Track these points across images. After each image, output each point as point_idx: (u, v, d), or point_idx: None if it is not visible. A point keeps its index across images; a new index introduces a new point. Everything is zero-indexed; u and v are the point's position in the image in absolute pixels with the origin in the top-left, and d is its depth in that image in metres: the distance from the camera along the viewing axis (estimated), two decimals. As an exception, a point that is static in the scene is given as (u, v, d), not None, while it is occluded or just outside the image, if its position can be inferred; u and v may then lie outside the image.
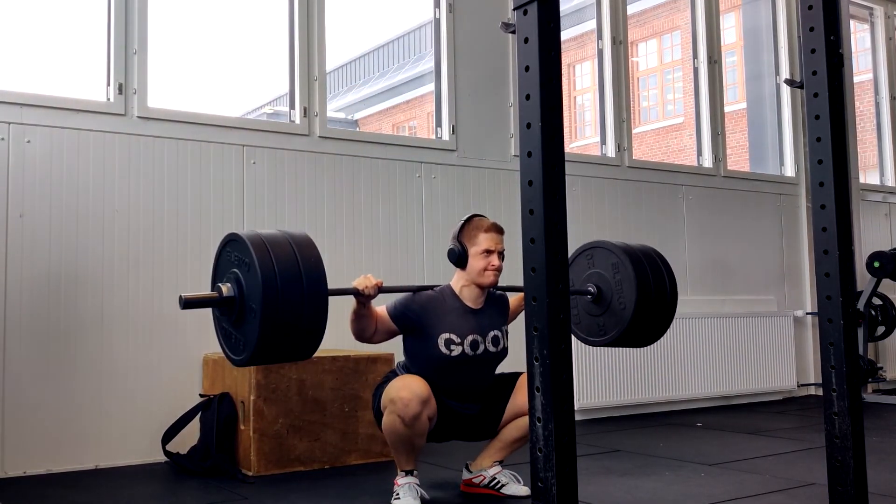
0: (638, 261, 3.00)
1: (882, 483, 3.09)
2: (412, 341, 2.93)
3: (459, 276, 2.95)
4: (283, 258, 2.27)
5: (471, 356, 2.89)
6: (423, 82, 15.94)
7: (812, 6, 1.94)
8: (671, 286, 3.04)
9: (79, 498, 3.15)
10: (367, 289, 2.69)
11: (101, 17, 3.83)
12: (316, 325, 2.32)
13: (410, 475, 2.89)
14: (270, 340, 2.27)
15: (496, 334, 2.96)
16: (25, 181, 3.56)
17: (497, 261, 2.90)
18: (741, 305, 5.74)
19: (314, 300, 2.30)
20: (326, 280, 2.34)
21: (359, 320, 2.81)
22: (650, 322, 3.00)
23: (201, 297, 2.41)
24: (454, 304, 2.91)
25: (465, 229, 2.92)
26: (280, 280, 2.24)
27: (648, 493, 3.12)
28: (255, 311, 2.24)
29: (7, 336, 3.48)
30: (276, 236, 2.35)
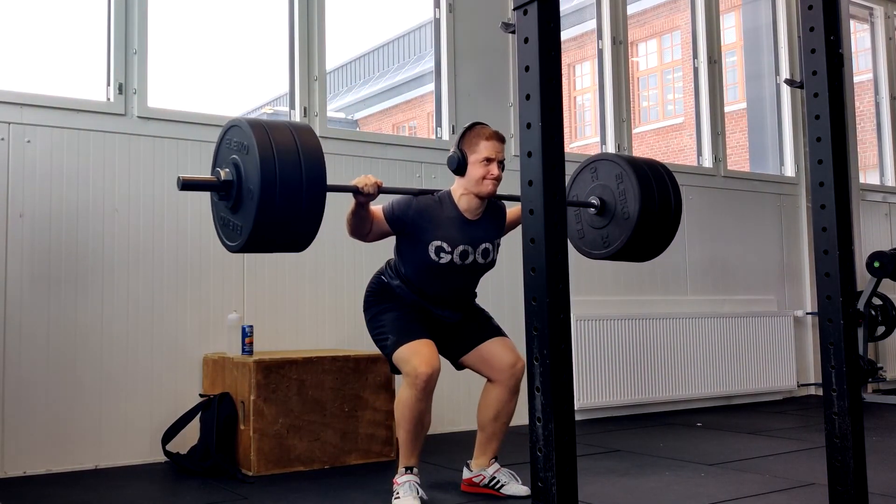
0: (641, 171, 3.01)
1: (882, 483, 3.09)
2: (404, 243, 2.96)
3: (458, 184, 2.96)
4: (284, 144, 2.26)
5: (458, 265, 2.91)
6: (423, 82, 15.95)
7: (812, 6, 1.93)
8: (675, 195, 3.04)
9: (79, 498, 3.15)
10: (367, 187, 2.71)
11: (101, 17, 3.83)
12: (313, 214, 2.30)
13: (410, 473, 2.89)
14: (266, 226, 2.25)
15: (487, 247, 2.98)
16: (25, 181, 3.56)
17: (496, 170, 2.90)
18: (741, 305, 5.74)
19: (312, 188, 2.27)
20: (325, 169, 2.32)
21: (356, 218, 2.83)
22: (654, 231, 3.00)
23: (200, 180, 2.41)
24: (450, 213, 2.93)
25: (466, 136, 2.93)
26: (279, 165, 2.22)
27: (648, 493, 3.12)
28: (253, 194, 2.22)
29: (7, 336, 3.48)
30: (278, 123, 2.36)
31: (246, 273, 4.01)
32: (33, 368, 3.52)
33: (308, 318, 4.17)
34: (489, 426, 3.04)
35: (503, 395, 2.99)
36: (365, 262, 4.30)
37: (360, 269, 4.31)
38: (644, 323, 5.17)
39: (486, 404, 3.02)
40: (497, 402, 2.99)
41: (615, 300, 5.21)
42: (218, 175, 2.36)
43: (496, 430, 3.04)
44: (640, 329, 5.14)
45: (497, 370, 2.99)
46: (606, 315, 5.03)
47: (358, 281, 4.31)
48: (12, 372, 3.48)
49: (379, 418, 3.73)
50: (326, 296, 4.23)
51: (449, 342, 3.05)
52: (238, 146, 2.33)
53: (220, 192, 2.37)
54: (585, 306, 4.98)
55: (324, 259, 4.23)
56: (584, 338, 4.90)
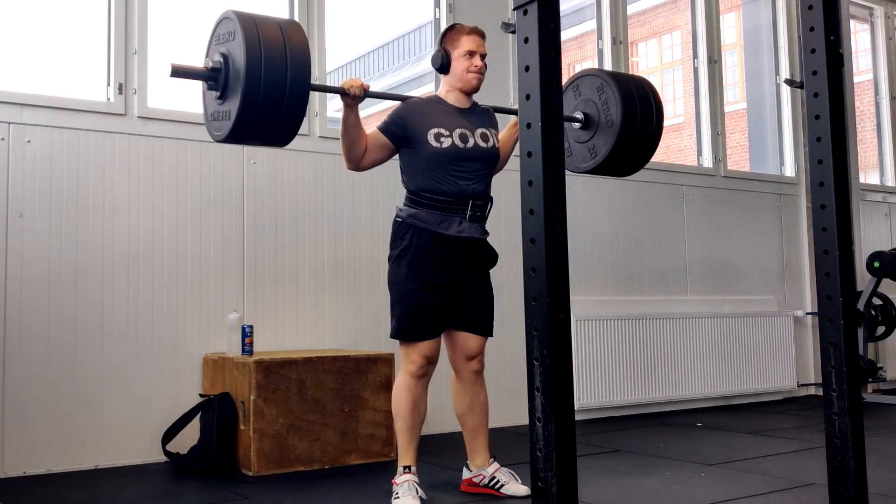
0: (620, 79, 3.13)
1: (882, 483, 3.09)
2: (406, 152, 2.99)
3: (444, 82, 3.05)
4: (270, 33, 2.41)
5: (461, 149, 2.93)
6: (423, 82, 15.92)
7: (812, 6, 1.93)
8: (656, 100, 3.14)
9: (79, 498, 3.15)
10: (353, 88, 2.75)
11: (101, 17, 3.83)
12: (296, 108, 2.44)
13: (409, 472, 2.89)
14: (248, 120, 2.39)
15: (485, 132, 3.02)
16: (25, 181, 3.56)
17: (479, 62, 3.01)
18: (741, 305, 5.74)
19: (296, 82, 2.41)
20: (310, 72, 2.47)
21: (347, 130, 2.86)
22: (638, 136, 3.07)
23: (190, 68, 2.53)
24: (441, 107, 3.00)
25: (447, 35, 3.04)
26: (264, 51, 2.37)
27: (648, 493, 3.12)
28: (238, 89, 2.37)
29: (7, 336, 3.48)
30: (267, 17, 2.49)
31: (246, 273, 4.01)
32: (33, 368, 3.51)
33: (308, 318, 4.17)
34: (468, 419, 3.08)
35: (465, 387, 3.06)
36: (365, 262, 4.31)
37: (360, 269, 4.31)
38: (644, 323, 5.17)
39: (456, 398, 3.09)
40: (463, 392, 3.06)
41: (615, 300, 5.22)
42: (207, 64, 2.50)
43: (477, 424, 3.07)
44: (640, 329, 5.14)
45: (458, 358, 3.06)
46: (606, 315, 5.03)
47: (358, 281, 4.31)
48: (12, 372, 3.47)
49: (379, 418, 3.73)
50: (326, 296, 4.23)
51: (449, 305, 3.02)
52: (227, 36, 2.47)
53: (209, 80, 2.50)
54: (585, 306, 4.98)
55: (324, 259, 4.23)
56: (584, 338, 4.90)
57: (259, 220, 4.06)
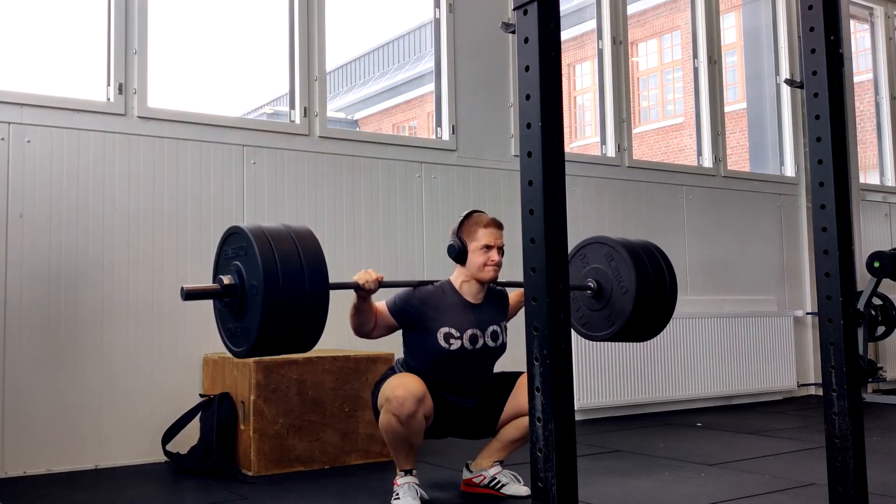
0: (628, 245, 3.05)
1: (882, 483, 3.09)
2: (412, 335, 2.94)
3: (459, 272, 2.97)
4: (284, 248, 2.30)
5: (469, 350, 2.90)
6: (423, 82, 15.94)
7: (812, 6, 1.93)
8: (668, 266, 3.05)
9: (79, 498, 3.15)
10: (368, 283, 2.70)
11: (101, 17, 3.83)
12: (317, 316, 2.33)
13: (409, 475, 2.89)
14: (271, 330, 2.27)
15: (495, 329, 2.97)
16: (25, 181, 3.56)
17: (496, 256, 2.91)
18: (741, 305, 5.74)
19: (315, 290, 2.31)
20: (327, 272, 2.36)
21: (358, 314, 2.82)
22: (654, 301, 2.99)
23: (203, 289, 2.44)
24: (454, 299, 2.93)
25: (464, 225, 2.94)
26: (281, 269, 2.25)
27: (648, 493, 3.12)
28: (256, 300, 2.25)
29: (7, 336, 3.48)
30: (278, 228, 2.38)
31: (246, 273, 4.00)
32: (33, 368, 3.52)
33: (308, 318, 4.16)
34: (508, 444, 3.03)
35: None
36: (365, 262, 4.30)
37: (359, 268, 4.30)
38: (644, 323, 5.16)
39: (517, 426, 2.99)
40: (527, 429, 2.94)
41: (615, 300, 5.21)
42: (220, 281, 2.39)
43: (512, 449, 3.05)
44: (640, 329, 5.13)
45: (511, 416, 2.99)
46: (606, 315, 5.02)
47: (358, 281, 4.31)
48: (12, 372, 3.47)
49: (379, 418, 3.72)
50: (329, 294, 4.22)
51: (478, 421, 3.01)
52: (239, 252, 2.37)
53: (224, 297, 2.39)
54: (585, 306, 4.98)
55: (324, 259, 4.23)
56: (584, 338, 4.89)
57: (259, 219, 4.05)
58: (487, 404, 3.02)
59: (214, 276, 2.46)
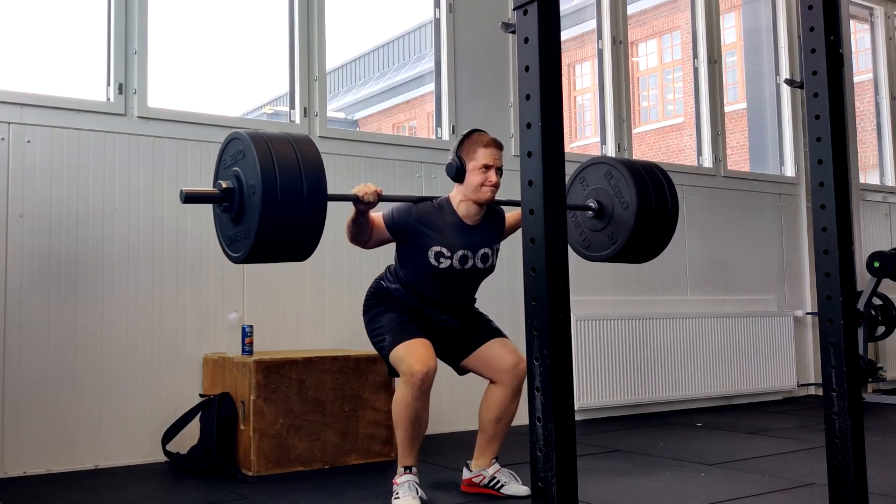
0: (627, 162, 3.08)
1: (882, 483, 3.09)
2: (404, 249, 2.98)
3: (457, 191, 2.98)
4: (282, 150, 2.33)
5: (458, 270, 2.93)
6: (423, 82, 15.94)
7: (812, 6, 1.93)
8: (667, 180, 3.07)
9: (79, 498, 3.15)
10: (367, 195, 2.73)
11: (101, 17, 3.83)
12: (314, 228, 2.36)
13: (409, 472, 2.89)
14: (268, 239, 2.31)
15: (486, 252, 2.99)
16: (25, 181, 3.56)
17: (494, 176, 2.92)
18: (741, 305, 5.74)
19: (313, 202, 2.33)
20: (326, 183, 2.38)
21: (356, 226, 2.86)
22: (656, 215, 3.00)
23: (202, 192, 2.46)
24: (450, 219, 2.95)
25: (464, 143, 2.95)
26: (278, 169, 2.29)
27: (648, 493, 3.12)
28: (254, 201, 2.29)
29: (7, 336, 3.48)
30: (277, 133, 2.42)
31: (246, 273, 4.01)
32: (33, 368, 3.51)
33: (308, 318, 4.17)
34: (491, 427, 3.04)
35: (506, 397, 2.99)
36: (365, 262, 4.31)
37: (359, 268, 4.31)
38: (644, 323, 5.17)
39: (489, 405, 3.02)
40: (500, 403, 2.99)
41: (615, 300, 5.21)
42: (219, 186, 2.41)
43: (497, 432, 3.04)
44: (640, 329, 5.14)
45: (499, 371, 2.99)
46: (606, 315, 5.03)
47: (357, 281, 4.31)
48: (12, 372, 3.47)
49: (379, 418, 3.72)
50: (326, 296, 4.23)
51: (449, 347, 3.06)
52: (237, 156, 2.39)
53: (222, 202, 2.41)
54: (585, 306, 4.98)
55: (324, 259, 4.23)
56: (584, 338, 4.90)
57: (259, 220, 4.05)
58: (465, 330, 3.05)
59: (215, 180, 2.49)
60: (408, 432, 2.87)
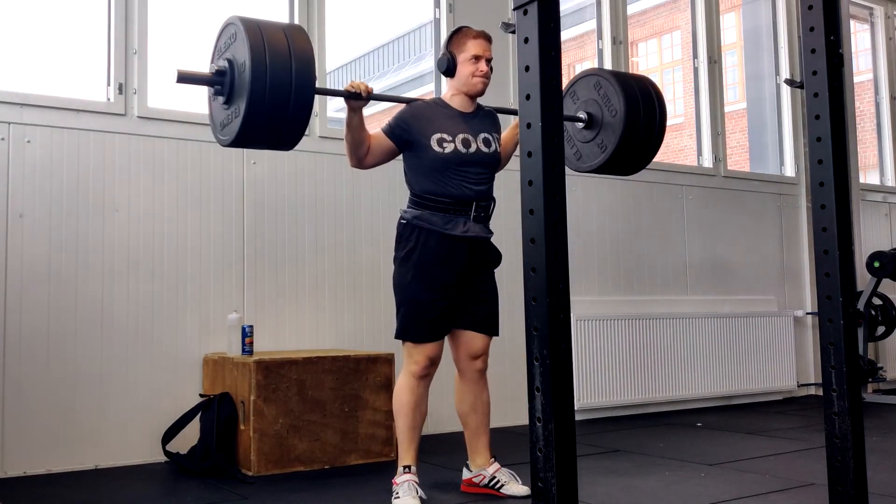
0: (615, 73, 3.17)
1: (882, 483, 3.09)
2: (409, 155, 2.99)
3: (449, 86, 3.05)
4: (275, 45, 2.42)
5: (463, 153, 2.94)
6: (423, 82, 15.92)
7: (812, 6, 1.93)
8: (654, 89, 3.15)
9: (79, 498, 3.15)
10: (359, 89, 2.75)
11: (101, 17, 3.83)
12: (300, 115, 2.45)
13: (409, 472, 2.89)
14: (255, 121, 2.40)
15: (486, 136, 3.03)
16: (25, 181, 3.56)
17: (485, 66, 2.99)
18: (741, 305, 5.74)
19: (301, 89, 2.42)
20: (315, 74, 2.48)
21: (351, 132, 2.87)
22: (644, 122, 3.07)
23: (196, 74, 2.55)
24: (445, 110, 3.01)
25: (453, 38, 3.03)
26: (269, 52, 2.39)
27: (648, 493, 3.12)
28: (244, 91, 2.39)
29: (7, 336, 3.48)
30: (270, 21, 2.51)
31: (246, 273, 4.01)
32: (33, 368, 3.51)
33: (308, 318, 4.17)
34: (470, 419, 3.08)
35: (469, 385, 3.05)
36: (365, 262, 4.31)
37: (359, 268, 4.31)
38: (644, 323, 5.17)
39: (460, 397, 3.10)
40: (466, 392, 3.06)
41: (615, 300, 5.21)
42: (212, 69, 2.52)
43: (479, 423, 3.07)
44: (640, 329, 5.14)
45: (462, 357, 3.05)
46: (606, 315, 5.03)
47: (358, 281, 4.32)
48: (12, 372, 3.47)
49: (379, 418, 3.73)
50: (326, 296, 4.23)
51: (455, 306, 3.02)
52: (230, 41, 2.50)
53: (215, 84, 2.52)
54: (585, 306, 4.98)
55: (324, 259, 4.23)
56: (584, 338, 4.90)
57: (259, 220, 4.06)
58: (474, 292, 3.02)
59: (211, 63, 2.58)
60: (408, 419, 2.92)
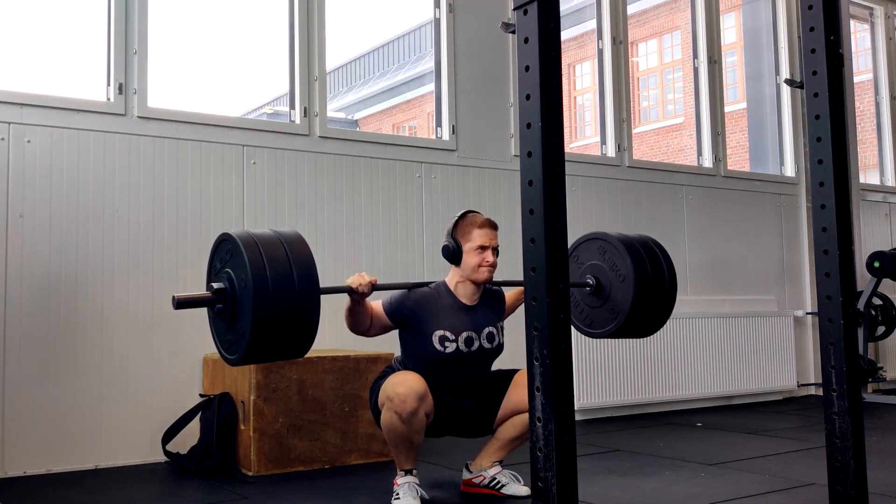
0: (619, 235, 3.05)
1: (882, 483, 3.09)
2: (407, 336, 2.94)
3: (454, 273, 2.96)
4: (274, 255, 2.31)
5: (465, 353, 2.90)
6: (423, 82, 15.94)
7: (812, 6, 1.93)
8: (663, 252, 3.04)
9: (79, 498, 3.15)
10: (361, 286, 2.70)
11: (101, 17, 3.83)
12: (308, 321, 2.34)
13: (409, 474, 2.89)
14: (263, 337, 2.28)
15: (491, 331, 2.96)
16: (25, 181, 3.56)
17: (491, 257, 2.90)
18: (741, 305, 5.74)
19: (306, 295, 2.31)
20: (318, 276, 2.36)
21: (353, 316, 2.83)
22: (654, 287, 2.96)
23: (194, 297, 2.44)
24: (449, 301, 2.92)
25: (458, 225, 2.93)
26: (269, 268, 2.26)
27: (648, 493, 3.12)
28: (247, 307, 2.26)
29: (7, 336, 3.48)
30: (267, 234, 2.39)
31: (246, 273, 4.01)
32: (33, 368, 3.51)
33: (308, 318, 4.16)
34: (507, 443, 3.03)
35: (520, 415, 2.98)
36: (365, 262, 4.31)
37: (360, 268, 4.30)
38: (644, 323, 5.16)
39: (514, 424, 2.99)
40: (525, 426, 2.95)
41: (615, 300, 5.21)
42: (211, 288, 2.40)
43: (512, 448, 3.05)
44: (640, 329, 5.13)
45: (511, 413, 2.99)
46: (606, 315, 5.02)
47: (358, 281, 4.31)
48: (12, 372, 3.47)
49: (379, 418, 3.72)
50: (326, 296, 4.21)
51: (476, 420, 3.02)
52: (226, 257, 2.38)
53: (215, 304, 2.39)
54: (585, 306, 4.98)
55: (324, 259, 4.23)
56: (584, 338, 4.88)
57: (259, 220, 4.05)
58: (485, 403, 3.02)
59: (207, 282, 2.47)
60: (400, 450, 2.85)
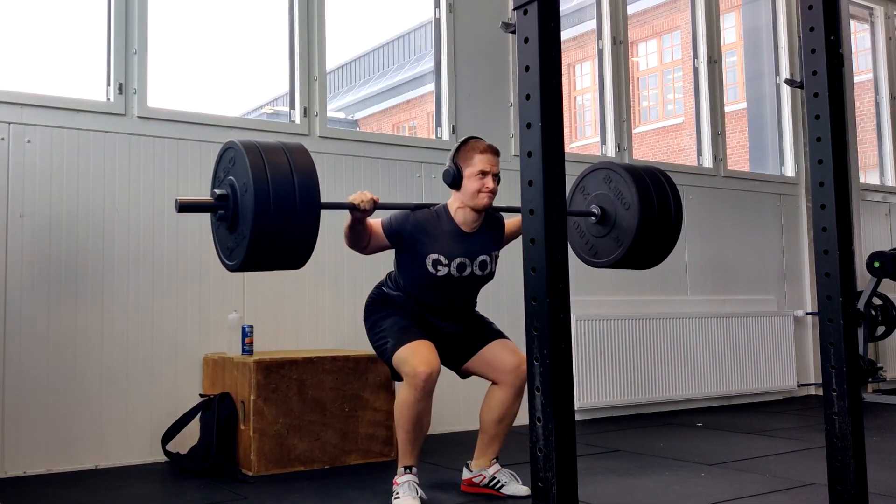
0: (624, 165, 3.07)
1: (882, 483, 3.09)
2: (402, 255, 2.98)
3: (455, 198, 2.97)
4: (275, 160, 2.34)
5: (455, 277, 2.93)
6: (423, 82, 15.93)
7: (812, 6, 1.93)
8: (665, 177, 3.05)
9: (79, 498, 3.15)
10: (363, 203, 2.72)
11: (101, 17, 3.83)
12: (308, 228, 2.36)
13: (409, 472, 2.89)
14: (263, 240, 2.31)
15: (484, 259, 2.98)
16: (25, 181, 3.56)
17: (491, 182, 2.91)
18: (741, 305, 5.74)
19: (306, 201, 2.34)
20: (318, 184, 2.40)
21: (353, 233, 2.86)
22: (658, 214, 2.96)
23: (197, 201, 2.49)
24: (448, 227, 2.94)
25: (460, 150, 2.94)
26: (272, 179, 2.30)
27: (648, 493, 3.12)
28: (248, 211, 2.29)
29: (7, 336, 3.48)
30: (270, 142, 2.43)
31: (246, 273, 4.01)
32: (33, 368, 3.51)
33: (308, 318, 4.17)
34: (492, 428, 3.03)
35: (508, 398, 2.99)
36: (365, 262, 4.30)
37: (360, 269, 4.31)
38: (644, 323, 5.17)
39: (491, 406, 3.02)
40: (502, 404, 2.99)
41: (615, 300, 5.21)
42: (214, 194, 2.43)
43: (499, 432, 3.04)
44: (640, 329, 5.14)
45: (502, 372, 2.99)
46: (606, 315, 5.03)
47: (358, 281, 4.31)
48: (12, 372, 3.47)
49: (379, 418, 3.72)
50: (326, 296, 4.23)
51: (451, 351, 3.05)
52: (230, 164, 2.41)
53: (217, 209, 2.42)
54: (585, 306, 4.98)
55: (324, 259, 4.23)
56: (584, 338, 4.90)
57: (259, 220, 4.05)
58: (465, 338, 3.05)
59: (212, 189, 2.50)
60: (409, 433, 2.87)
